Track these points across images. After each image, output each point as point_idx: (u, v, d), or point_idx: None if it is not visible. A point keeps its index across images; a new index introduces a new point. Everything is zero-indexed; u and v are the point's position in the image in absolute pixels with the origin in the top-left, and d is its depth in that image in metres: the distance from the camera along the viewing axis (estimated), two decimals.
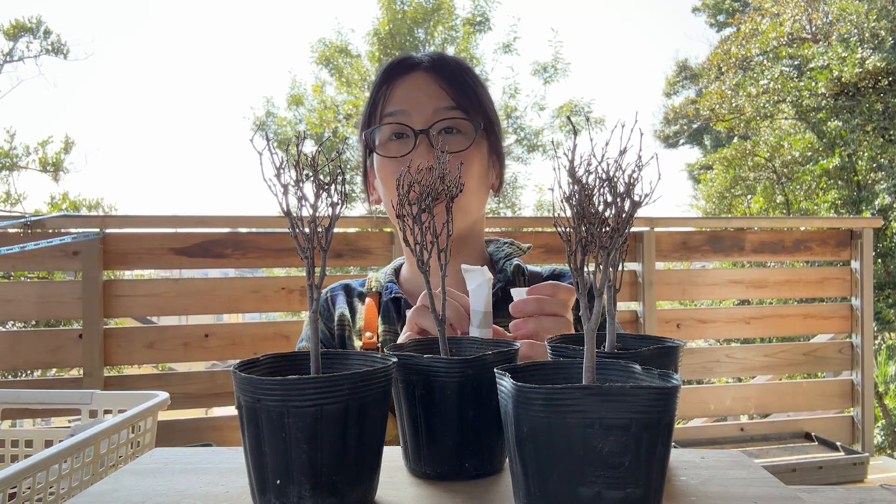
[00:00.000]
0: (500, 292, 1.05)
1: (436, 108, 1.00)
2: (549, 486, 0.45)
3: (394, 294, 1.07)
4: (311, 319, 0.52)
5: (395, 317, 1.06)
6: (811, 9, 8.42)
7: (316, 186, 0.52)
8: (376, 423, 0.51)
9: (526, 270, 1.12)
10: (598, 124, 11.59)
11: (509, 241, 1.18)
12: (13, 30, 8.02)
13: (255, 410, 0.48)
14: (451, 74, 1.02)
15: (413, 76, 1.03)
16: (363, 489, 0.51)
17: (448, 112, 1.00)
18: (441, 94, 1.01)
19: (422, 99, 1.01)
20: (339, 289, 1.16)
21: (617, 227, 0.48)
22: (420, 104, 1.00)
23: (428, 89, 1.01)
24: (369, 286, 1.13)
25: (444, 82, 1.02)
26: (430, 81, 1.02)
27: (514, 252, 1.13)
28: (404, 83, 1.03)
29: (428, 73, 1.03)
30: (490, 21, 12.53)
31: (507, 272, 1.08)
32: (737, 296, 3.33)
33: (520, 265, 1.12)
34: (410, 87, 1.02)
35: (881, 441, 5.50)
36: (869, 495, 0.73)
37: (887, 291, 6.48)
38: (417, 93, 1.01)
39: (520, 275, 1.11)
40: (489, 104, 1.07)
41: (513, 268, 1.09)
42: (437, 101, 1.01)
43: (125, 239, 2.49)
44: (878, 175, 7.09)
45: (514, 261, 1.11)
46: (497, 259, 1.12)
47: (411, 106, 1.00)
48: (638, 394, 0.43)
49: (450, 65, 1.04)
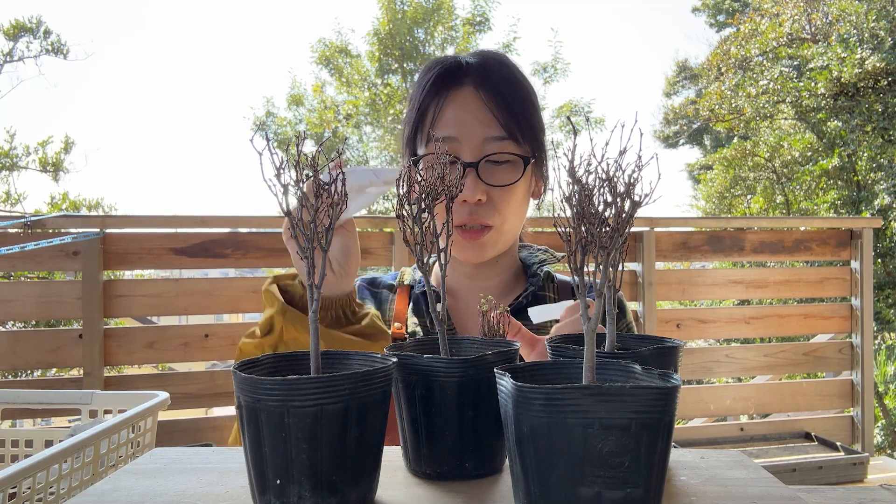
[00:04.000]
0: (532, 296, 1.08)
1: (485, 137, 1.00)
2: (549, 486, 0.45)
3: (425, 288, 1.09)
4: (312, 319, 0.52)
5: (425, 310, 1.09)
6: (811, 9, 8.42)
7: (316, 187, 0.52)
8: (376, 423, 0.51)
9: (556, 278, 1.14)
10: (597, 124, 11.59)
11: (543, 248, 1.19)
12: (13, 30, 8.02)
13: (255, 410, 0.48)
14: (500, 92, 1.01)
15: (462, 93, 1.01)
16: (363, 489, 0.51)
17: (497, 144, 1.00)
18: (491, 119, 1.00)
19: (471, 125, 1.00)
20: (363, 282, 1.18)
21: (617, 227, 0.48)
22: (470, 132, 0.99)
23: (478, 112, 1.00)
24: (401, 279, 1.15)
25: (493, 103, 1.00)
26: (480, 102, 1.00)
27: (547, 259, 1.15)
28: (454, 103, 1.01)
29: (477, 91, 1.01)
30: (490, 21, 12.53)
31: (540, 277, 1.10)
32: (737, 296, 3.33)
33: (550, 273, 1.13)
34: (459, 108, 1.01)
35: (881, 441, 5.50)
36: (869, 495, 0.73)
37: (887, 291, 6.48)
38: (467, 116, 1.00)
39: (549, 282, 1.12)
40: (536, 119, 1.06)
41: (544, 275, 1.11)
42: (486, 128, 1.00)
43: (125, 239, 2.48)
44: (877, 175, 7.09)
45: (546, 268, 1.13)
46: (529, 264, 1.14)
47: (461, 132, 1.00)
48: (638, 394, 0.43)
49: (497, 78, 1.02)
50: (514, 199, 1.03)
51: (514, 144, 1.01)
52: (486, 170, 1.00)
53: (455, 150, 1.00)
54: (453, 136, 1.00)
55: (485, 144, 1.00)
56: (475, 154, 0.99)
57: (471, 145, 0.99)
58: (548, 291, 1.11)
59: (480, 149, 1.00)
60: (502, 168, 1.01)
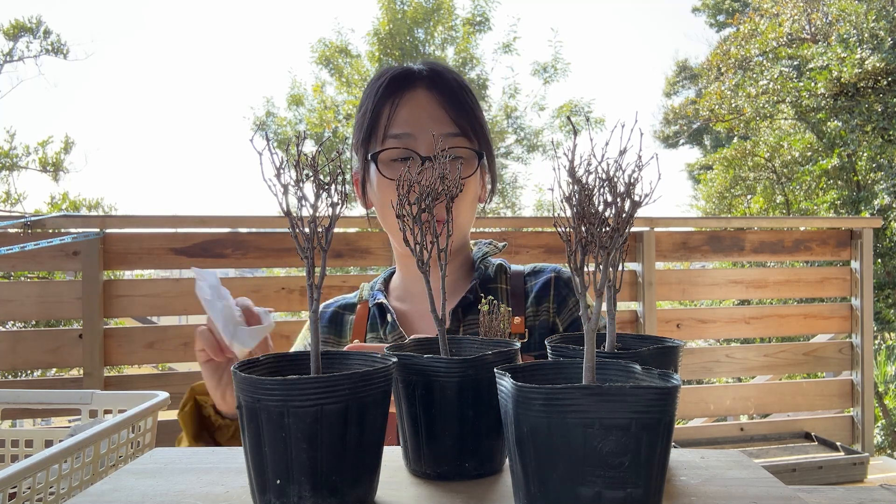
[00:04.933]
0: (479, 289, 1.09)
1: (440, 134, 1.03)
2: (549, 486, 0.45)
3: (377, 300, 1.11)
4: (312, 319, 0.52)
5: (380, 322, 1.11)
6: (810, 9, 8.42)
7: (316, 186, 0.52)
8: (376, 422, 0.51)
9: (509, 269, 1.16)
10: (598, 124, 11.59)
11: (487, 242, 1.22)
12: (13, 30, 8.02)
13: (256, 410, 0.48)
14: (452, 94, 1.06)
15: (416, 94, 1.06)
16: (363, 489, 0.51)
17: (452, 140, 1.04)
18: (444, 117, 1.05)
19: (426, 122, 1.04)
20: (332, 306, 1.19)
21: (617, 227, 0.48)
22: (425, 129, 1.04)
23: (432, 111, 1.05)
24: (360, 296, 1.18)
25: (445, 103, 1.05)
26: (433, 103, 1.05)
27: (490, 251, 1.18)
28: (408, 103, 1.05)
29: (430, 92, 1.06)
30: (490, 21, 12.53)
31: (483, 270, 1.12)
32: (737, 296, 3.33)
33: (503, 264, 1.16)
34: (414, 108, 1.05)
35: (881, 441, 5.49)
36: (869, 495, 0.73)
37: (887, 291, 6.47)
38: (421, 114, 1.05)
39: (502, 273, 1.15)
40: (484, 122, 1.11)
41: (495, 267, 1.14)
42: (440, 125, 1.04)
43: (125, 239, 2.49)
44: (877, 175, 7.09)
45: (496, 260, 1.16)
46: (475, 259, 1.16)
47: (416, 129, 1.04)
48: (638, 394, 0.43)
49: (449, 83, 1.07)
50: (467, 195, 1.06)
51: (467, 141, 1.05)
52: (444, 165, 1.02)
53: (411, 146, 1.03)
54: (409, 133, 1.04)
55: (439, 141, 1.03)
56: (430, 149, 1.03)
57: (426, 141, 1.03)
58: (500, 283, 1.13)
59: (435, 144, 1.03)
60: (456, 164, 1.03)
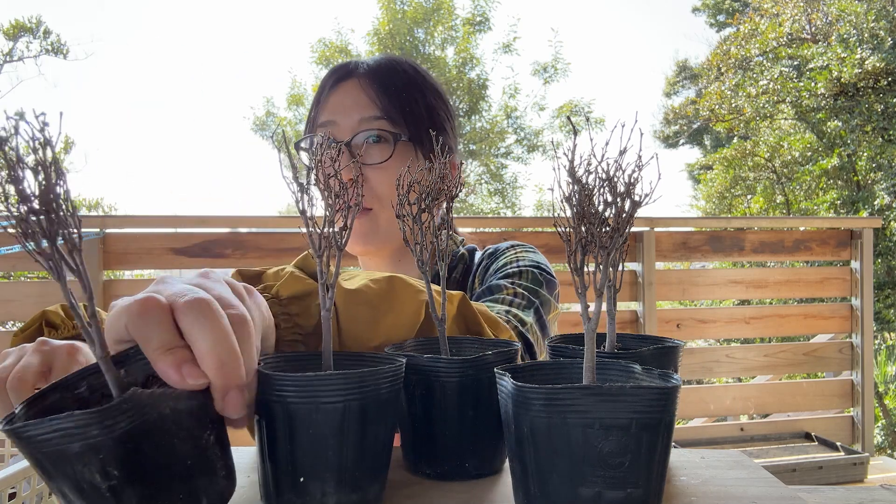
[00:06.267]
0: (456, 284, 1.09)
1: (361, 117, 1.00)
2: (549, 486, 0.45)
3: None
4: (324, 318, 0.52)
5: None
6: (810, 9, 8.42)
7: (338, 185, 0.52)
8: (391, 418, 0.52)
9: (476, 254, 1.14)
10: (598, 124, 11.60)
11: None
12: (13, 30, 8.02)
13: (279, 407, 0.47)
14: (385, 81, 1.01)
15: (347, 84, 1.03)
16: (380, 484, 0.52)
17: (372, 122, 0.99)
18: (369, 103, 1.00)
19: (349, 108, 1.00)
20: None
21: (617, 227, 0.48)
22: (347, 114, 1.00)
23: (358, 98, 1.01)
24: None
25: (376, 90, 1.00)
26: (361, 90, 1.01)
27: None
28: (337, 92, 1.03)
29: (359, 80, 1.02)
30: (490, 21, 12.54)
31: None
32: (737, 296, 3.33)
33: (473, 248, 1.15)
34: (341, 96, 1.02)
35: (881, 441, 5.49)
36: (869, 495, 0.73)
37: (887, 291, 6.48)
38: (346, 101, 1.01)
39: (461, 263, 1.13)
40: (432, 110, 1.05)
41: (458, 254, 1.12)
42: (363, 110, 1.00)
43: (125, 239, 2.49)
44: (877, 175, 7.09)
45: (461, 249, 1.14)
46: None
47: (339, 116, 1.01)
48: (638, 394, 0.43)
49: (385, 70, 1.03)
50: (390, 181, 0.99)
51: (389, 124, 1.00)
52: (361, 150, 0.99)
53: (334, 133, 1.00)
54: (332, 121, 1.01)
55: (360, 125, 1.00)
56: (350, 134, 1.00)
57: (348, 127, 1.00)
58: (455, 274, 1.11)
59: (356, 129, 1.00)
60: (378, 146, 1.01)
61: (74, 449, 0.37)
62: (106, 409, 0.37)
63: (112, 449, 0.38)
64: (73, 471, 0.38)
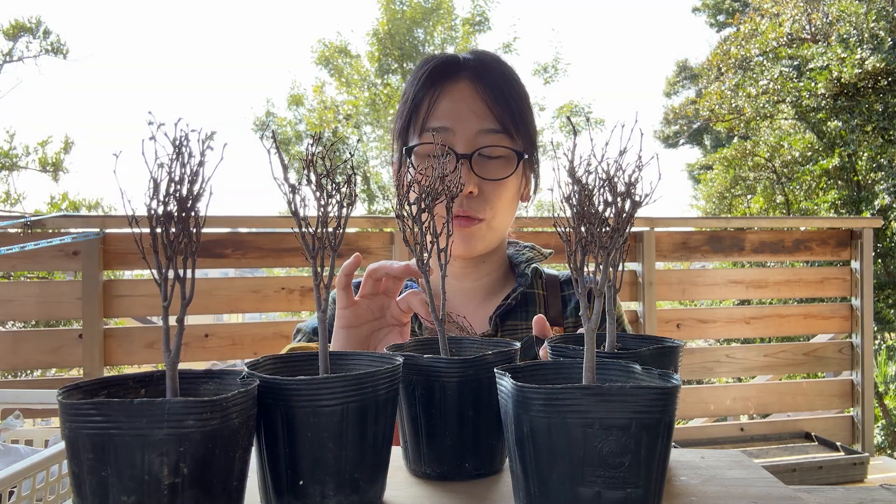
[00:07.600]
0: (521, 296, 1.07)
1: (479, 129, 0.99)
2: (549, 486, 0.45)
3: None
4: (320, 320, 0.52)
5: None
6: (811, 9, 8.42)
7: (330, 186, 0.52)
8: (390, 420, 0.52)
9: (543, 273, 1.14)
10: (598, 125, 11.59)
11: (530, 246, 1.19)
12: (13, 30, 8.01)
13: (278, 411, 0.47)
14: (496, 87, 1.01)
15: (458, 86, 1.01)
16: (379, 486, 0.52)
17: (492, 137, 1.00)
18: (485, 111, 1.00)
19: (466, 116, 1.00)
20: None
21: (617, 227, 0.48)
22: (464, 123, 0.99)
23: (473, 105, 1.00)
24: None
25: (488, 97, 1.00)
26: (475, 95, 1.00)
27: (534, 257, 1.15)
28: (450, 95, 1.01)
29: (473, 84, 1.01)
30: (490, 21, 12.55)
31: (528, 276, 1.09)
32: (737, 296, 3.33)
33: (538, 268, 1.13)
34: (455, 101, 1.01)
35: (881, 441, 5.49)
36: (869, 495, 0.73)
37: (887, 291, 6.47)
38: (462, 108, 1.00)
39: (537, 278, 1.12)
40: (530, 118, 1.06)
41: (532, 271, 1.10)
42: (481, 121, 1.00)
43: (125, 239, 2.48)
44: (877, 175, 7.09)
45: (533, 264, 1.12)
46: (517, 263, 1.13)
47: (455, 124, 0.99)
48: (638, 394, 0.43)
49: (495, 75, 1.02)
50: (506, 194, 1.02)
51: (508, 139, 1.01)
52: (478, 163, 0.99)
53: (449, 141, 0.99)
54: (447, 127, 1.00)
55: (478, 137, 1.00)
56: (469, 146, 0.99)
57: (465, 137, 0.99)
58: (536, 288, 1.10)
59: (474, 141, 1.00)
60: (495, 162, 1.01)
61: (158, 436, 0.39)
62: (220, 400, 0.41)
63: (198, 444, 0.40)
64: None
